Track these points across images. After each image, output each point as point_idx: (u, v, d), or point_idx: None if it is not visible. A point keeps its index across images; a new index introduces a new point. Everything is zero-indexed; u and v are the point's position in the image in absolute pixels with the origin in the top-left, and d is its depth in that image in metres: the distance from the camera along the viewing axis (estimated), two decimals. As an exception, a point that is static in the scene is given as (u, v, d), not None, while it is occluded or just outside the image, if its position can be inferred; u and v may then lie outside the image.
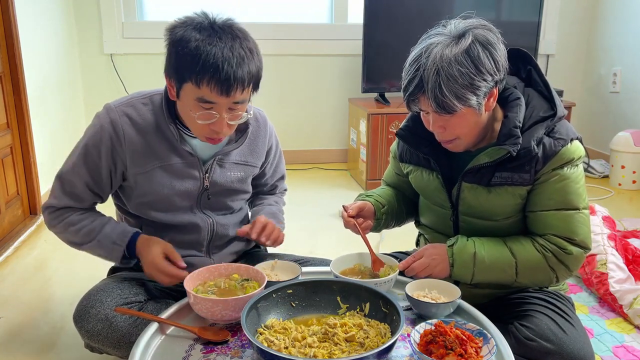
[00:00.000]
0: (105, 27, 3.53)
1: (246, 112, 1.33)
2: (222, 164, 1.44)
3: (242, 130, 1.45)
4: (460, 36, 1.21)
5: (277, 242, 1.46)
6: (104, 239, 1.38)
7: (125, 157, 1.36)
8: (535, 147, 1.27)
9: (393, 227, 1.58)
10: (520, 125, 1.28)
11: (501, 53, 1.24)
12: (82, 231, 1.39)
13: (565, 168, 1.29)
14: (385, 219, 1.50)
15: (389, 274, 1.30)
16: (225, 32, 1.23)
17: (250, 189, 1.56)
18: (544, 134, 1.29)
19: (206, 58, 1.19)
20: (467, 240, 1.34)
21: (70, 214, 1.41)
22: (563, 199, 1.30)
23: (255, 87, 1.31)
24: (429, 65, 1.20)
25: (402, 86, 1.28)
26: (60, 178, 1.41)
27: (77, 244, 1.42)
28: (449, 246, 1.34)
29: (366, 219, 1.45)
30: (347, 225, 1.43)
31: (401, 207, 1.56)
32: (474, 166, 1.32)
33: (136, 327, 1.30)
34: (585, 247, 1.32)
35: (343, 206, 1.43)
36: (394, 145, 1.57)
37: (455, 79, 1.18)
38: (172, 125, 1.35)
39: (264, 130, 1.53)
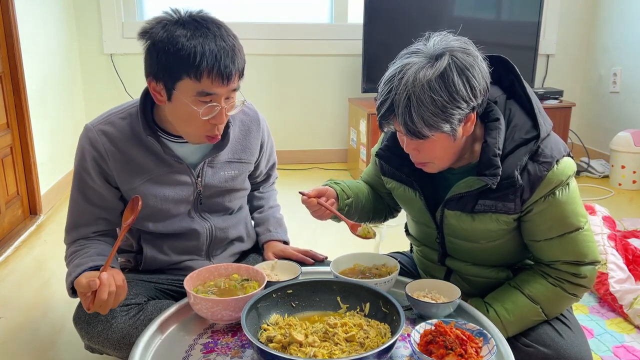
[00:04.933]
0: (105, 27, 3.54)
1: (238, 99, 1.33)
2: (213, 165, 1.43)
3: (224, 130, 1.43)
4: (437, 57, 1.13)
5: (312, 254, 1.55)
6: (75, 268, 1.28)
7: (113, 175, 1.35)
8: (519, 177, 1.20)
9: (357, 221, 1.50)
10: (500, 152, 1.21)
11: (480, 76, 1.15)
12: (67, 262, 1.34)
13: (557, 192, 1.22)
14: (348, 210, 1.42)
15: (368, 233, 1.31)
16: (208, 22, 1.23)
17: (247, 185, 1.55)
18: (528, 158, 1.21)
19: (202, 50, 1.18)
20: (488, 311, 1.30)
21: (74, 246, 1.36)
22: (563, 223, 1.24)
23: (242, 73, 1.29)
24: (401, 89, 1.13)
25: (376, 106, 1.22)
26: (67, 216, 1.40)
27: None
28: None
29: (329, 199, 1.37)
30: (310, 207, 1.34)
31: (370, 205, 1.50)
32: (455, 195, 1.27)
33: (136, 328, 1.30)
34: (596, 262, 1.28)
35: (300, 192, 1.35)
36: (375, 149, 1.48)
37: (426, 105, 1.11)
38: (152, 138, 1.33)
39: (256, 125, 1.51)
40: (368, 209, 1.50)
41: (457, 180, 1.28)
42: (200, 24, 1.22)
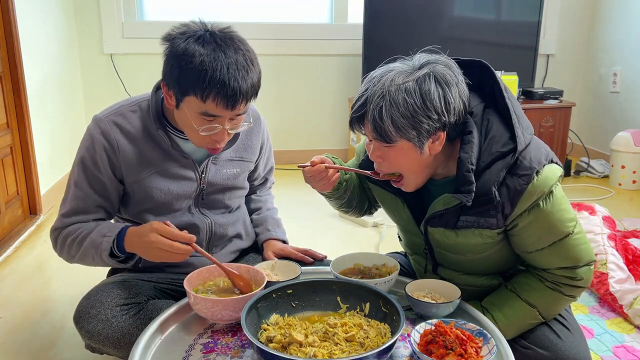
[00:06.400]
0: (105, 27, 3.54)
1: (245, 121, 1.34)
2: (217, 162, 1.45)
3: None
4: (420, 67, 1.16)
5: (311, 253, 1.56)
6: (96, 236, 1.31)
7: (121, 167, 1.36)
8: (497, 193, 1.17)
9: (342, 204, 1.48)
10: (474, 167, 1.18)
11: (457, 95, 1.15)
12: (79, 237, 1.34)
13: (541, 203, 1.18)
14: (345, 186, 1.38)
15: (393, 173, 1.25)
16: (227, 45, 1.22)
17: (246, 185, 1.57)
18: (507, 172, 1.17)
19: (213, 74, 1.19)
20: (486, 315, 1.29)
21: (70, 229, 1.38)
22: (551, 232, 1.22)
23: (255, 96, 1.30)
24: (377, 88, 1.15)
25: (351, 104, 1.22)
26: (65, 200, 1.39)
27: (74, 255, 1.36)
28: None
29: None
30: (316, 175, 1.29)
31: (358, 189, 1.47)
32: (436, 212, 1.26)
33: (136, 327, 1.30)
34: (591, 262, 1.27)
35: (300, 165, 1.30)
36: (361, 146, 1.44)
37: (398, 106, 1.12)
38: (162, 132, 1.35)
39: (257, 126, 1.54)
40: (357, 193, 1.47)
41: (439, 192, 1.26)
42: (218, 46, 1.21)
